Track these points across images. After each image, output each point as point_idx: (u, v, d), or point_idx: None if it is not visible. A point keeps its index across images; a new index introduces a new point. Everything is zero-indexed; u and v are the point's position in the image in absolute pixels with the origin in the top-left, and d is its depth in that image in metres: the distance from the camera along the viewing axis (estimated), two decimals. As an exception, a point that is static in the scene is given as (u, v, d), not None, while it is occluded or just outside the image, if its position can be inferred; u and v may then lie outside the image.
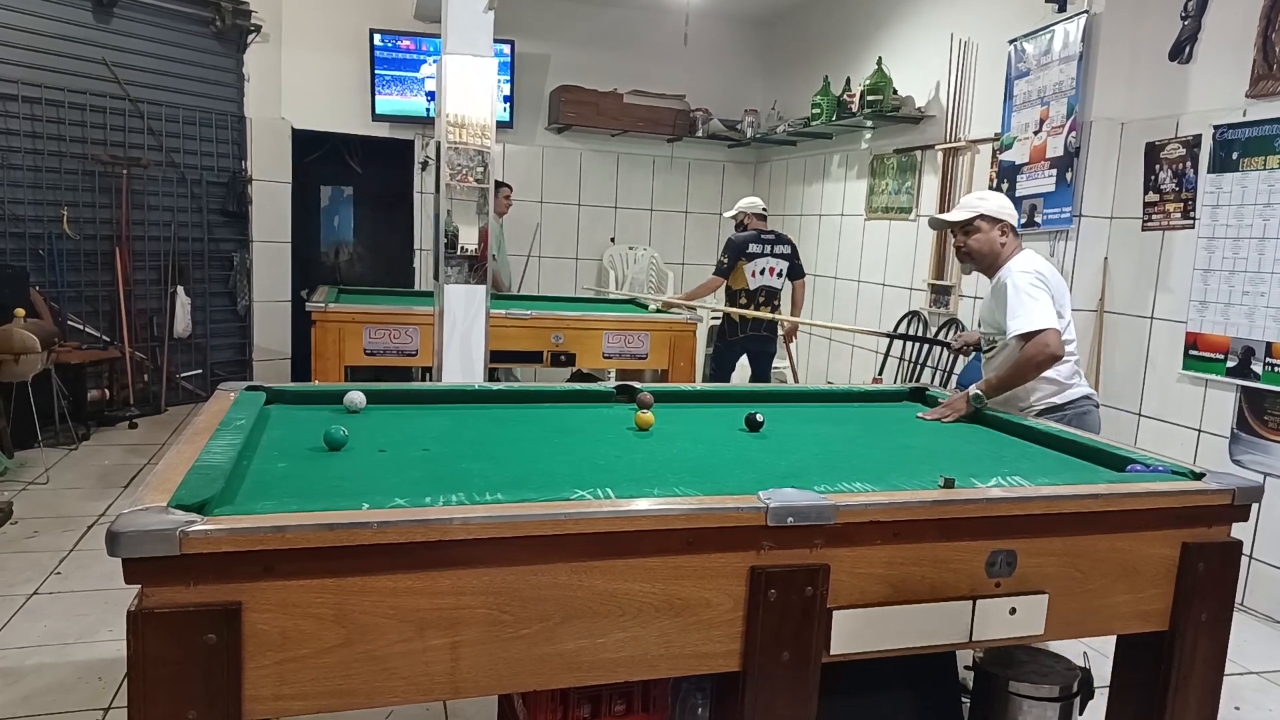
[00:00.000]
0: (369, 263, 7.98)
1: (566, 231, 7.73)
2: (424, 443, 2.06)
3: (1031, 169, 4.61)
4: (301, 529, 1.35)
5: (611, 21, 7.44)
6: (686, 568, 1.55)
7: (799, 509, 1.58)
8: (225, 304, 6.69)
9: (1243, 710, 2.93)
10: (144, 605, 1.30)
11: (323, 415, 2.28)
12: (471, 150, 3.79)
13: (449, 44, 3.60)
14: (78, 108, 5.65)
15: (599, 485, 1.61)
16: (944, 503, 1.70)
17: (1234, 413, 3.76)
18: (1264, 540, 3.64)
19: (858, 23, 6.50)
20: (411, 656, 1.43)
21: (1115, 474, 2.02)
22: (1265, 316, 3.61)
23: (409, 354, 4.82)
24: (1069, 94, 4.35)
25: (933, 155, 5.55)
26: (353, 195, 7.96)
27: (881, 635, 1.69)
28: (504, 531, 1.44)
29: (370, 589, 1.40)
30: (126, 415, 5.79)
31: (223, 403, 2.18)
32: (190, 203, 6.34)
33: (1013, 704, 2.25)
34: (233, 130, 6.55)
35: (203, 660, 1.32)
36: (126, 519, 1.31)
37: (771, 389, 3.21)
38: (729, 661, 1.60)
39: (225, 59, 6.49)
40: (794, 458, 2.11)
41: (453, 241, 3.91)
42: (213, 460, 1.66)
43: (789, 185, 7.47)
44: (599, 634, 1.52)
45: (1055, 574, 1.80)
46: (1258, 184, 3.65)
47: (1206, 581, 1.89)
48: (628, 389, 2.63)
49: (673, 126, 7.48)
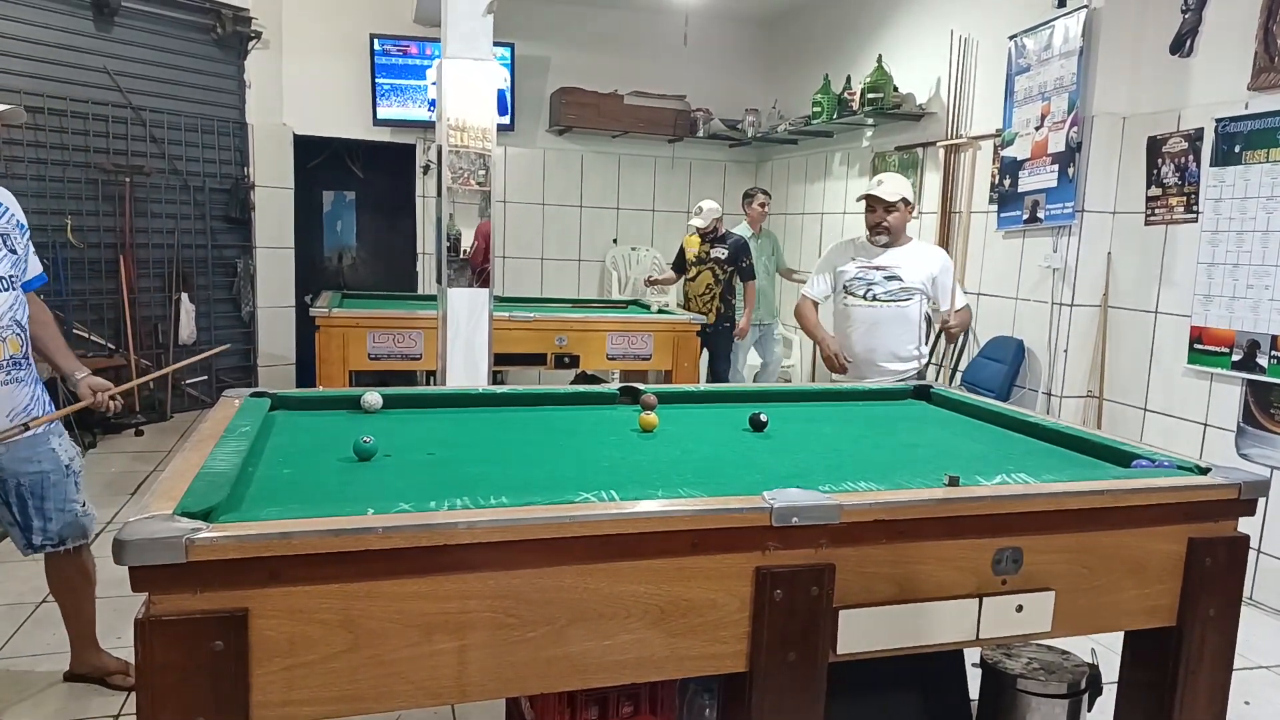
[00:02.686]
0: (372, 267, 7.99)
1: (569, 233, 7.73)
2: (429, 447, 2.07)
3: (1033, 165, 4.60)
4: (307, 535, 1.35)
5: (611, 23, 7.44)
6: (692, 569, 1.55)
7: (804, 509, 1.58)
8: (229, 310, 6.71)
9: (1253, 705, 2.93)
10: (151, 613, 1.31)
11: (327, 420, 2.28)
12: (472, 153, 3.80)
13: (449, 48, 3.61)
14: (80, 116, 5.67)
15: (603, 487, 1.60)
16: (949, 501, 1.70)
17: (1240, 406, 3.75)
18: (1272, 533, 3.63)
19: (857, 21, 6.50)
20: (419, 661, 1.43)
21: (1121, 470, 2.02)
22: (1270, 310, 3.60)
23: (413, 358, 4.82)
24: (1070, 89, 4.35)
25: (934, 152, 5.54)
26: (355, 200, 7.98)
27: (888, 634, 1.69)
28: (509, 535, 1.44)
29: (377, 594, 1.40)
30: (133, 423, 5.81)
31: (227, 409, 2.18)
32: (193, 210, 6.35)
33: (1021, 701, 2.25)
34: (235, 137, 6.57)
35: (210, 667, 1.32)
36: (133, 527, 1.31)
37: (775, 389, 3.21)
38: (735, 662, 1.60)
39: (226, 66, 6.50)
40: (798, 457, 2.10)
41: (455, 245, 3.92)
42: (218, 467, 1.67)
43: (791, 184, 7.47)
44: (605, 636, 1.52)
45: (1061, 571, 1.80)
46: (1260, 177, 3.64)
47: (1214, 576, 1.88)
48: (631, 390, 2.63)
49: (673, 127, 7.48)
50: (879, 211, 3.59)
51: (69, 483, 2.61)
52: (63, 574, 2.69)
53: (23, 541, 2.59)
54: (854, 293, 3.63)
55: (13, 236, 2.53)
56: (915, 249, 3.71)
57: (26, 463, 2.52)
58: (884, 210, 3.58)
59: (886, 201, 3.57)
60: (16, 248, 2.53)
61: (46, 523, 2.57)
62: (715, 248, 5.93)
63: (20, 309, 2.52)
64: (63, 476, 2.59)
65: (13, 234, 2.53)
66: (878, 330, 3.59)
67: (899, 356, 3.60)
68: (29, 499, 2.54)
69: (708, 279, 5.96)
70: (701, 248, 5.98)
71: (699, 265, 5.99)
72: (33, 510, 2.55)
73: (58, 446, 2.60)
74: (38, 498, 2.55)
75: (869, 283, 3.60)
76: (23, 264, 2.56)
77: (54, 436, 2.60)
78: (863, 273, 3.62)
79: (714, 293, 5.94)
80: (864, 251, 3.69)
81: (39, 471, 2.54)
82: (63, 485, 2.59)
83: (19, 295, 2.52)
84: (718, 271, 5.92)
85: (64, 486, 2.59)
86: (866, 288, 3.60)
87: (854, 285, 3.63)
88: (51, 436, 2.59)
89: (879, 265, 3.60)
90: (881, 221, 3.59)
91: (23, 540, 2.59)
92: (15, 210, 2.59)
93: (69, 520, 2.61)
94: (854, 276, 3.64)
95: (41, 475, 2.54)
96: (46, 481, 2.55)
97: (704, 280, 5.98)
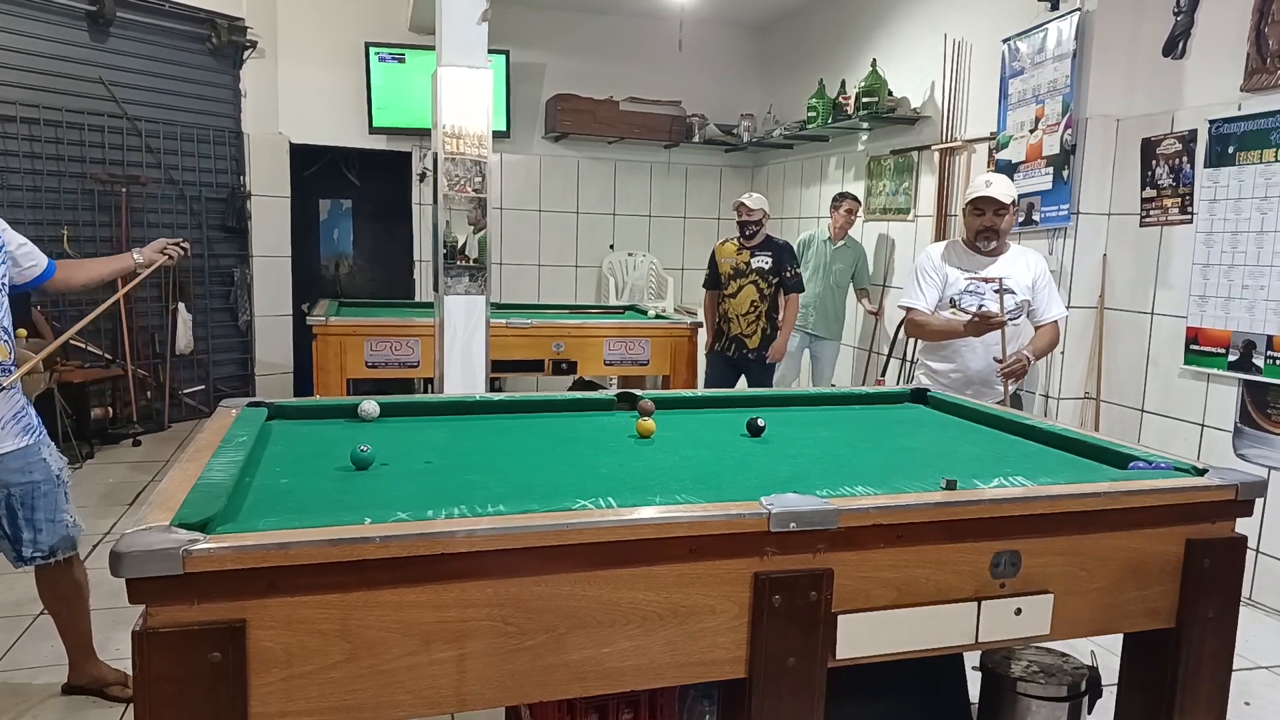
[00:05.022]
0: (369, 275, 7.99)
1: (565, 239, 7.74)
2: (426, 455, 2.06)
3: (1028, 167, 4.61)
4: (304, 545, 1.35)
5: (606, 29, 7.46)
6: (690, 575, 1.55)
7: (802, 514, 1.58)
8: (226, 319, 6.70)
9: (1253, 705, 2.92)
10: (149, 625, 1.30)
11: (324, 429, 2.28)
12: (468, 161, 3.80)
13: (444, 56, 3.61)
14: (76, 127, 5.67)
15: (601, 494, 1.60)
16: (947, 504, 1.70)
17: (1237, 407, 3.76)
18: (1270, 534, 3.63)
19: (852, 25, 6.51)
20: (417, 670, 1.43)
21: (1118, 472, 2.02)
22: (1266, 310, 3.61)
23: (410, 366, 4.83)
24: (1064, 92, 4.36)
25: (929, 155, 5.55)
26: (351, 208, 7.99)
27: (887, 639, 1.69)
28: (507, 543, 1.44)
29: (375, 603, 1.40)
30: (130, 433, 5.80)
31: (224, 419, 2.18)
32: (189, 219, 6.35)
33: (1021, 704, 2.25)
34: (230, 146, 6.57)
35: (208, 679, 1.32)
36: (129, 539, 1.31)
37: (772, 393, 3.21)
38: (735, 668, 1.60)
39: (222, 75, 6.51)
40: (796, 462, 2.10)
41: (452, 252, 3.92)
42: (215, 477, 1.66)
43: (786, 188, 7.48)
44: (604, 643, 1.52)
45: (1060, 573, 1.80)
46: (1254, 177, 3.65)
47: (1212, 577, 1.89)
48: (629, 396, 2.63)
49: (669, 132, 7.50)
50: (989, 215, 3.27)
51: (59, 493, 2.60)
52: (55, 586, 2.68)
53: (13, 554, 2.58)
54: (967, 309, 3.26)
55: None
56: (1017, 255, 3.38)
57: (18, 473, 2.50)
58: (994, 213, 3.26)
59: (1000, 203, 3.25)
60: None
61: (37, 534, 2.55)
62: (756, 256, 5.02)
63: (4, 316, 2.50)
64: (53, 486, 2.58)
65: None
66: (997, 350, 3.23)
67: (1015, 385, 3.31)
68: (19, 510, 2.52)
69: (751, 295, 5.04)
70: (739, 257, 5.08)
71: (738, 278, 5.06)
72: (22, 522, 2.53)
73: (48, 456, 2.59)
74: (28, 509, 2.53)
75: (981, 297, 3.28)
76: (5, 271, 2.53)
77: (44, 447, 2.59)
78: (973, 285, 3.27)
79: (759, 310, 5.04)
80: (965, 260, 3.35)
81: (30, 482, 2.52)
82: (53, 495, 2.58)
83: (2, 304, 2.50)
84: (761, 285, 5.03)
85: (54, 496, 2.58)
86: (980, 303, 3.26)
87: (964, 300, 3.28)
88: (43, 447, 2.58)
89: (989, 277, 3.26)
90: (994, 226, 3.27)
91: (13, 553, 2.57)
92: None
93: (59, 532, 2.60)
94: (963, 290, 3.29)
95: (32, 485, 2.53)
96: (37, 491, 2.54)
97: (747, 296, 5.05)
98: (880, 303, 6.06)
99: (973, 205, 3.32)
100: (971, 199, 3.33)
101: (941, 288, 3.33)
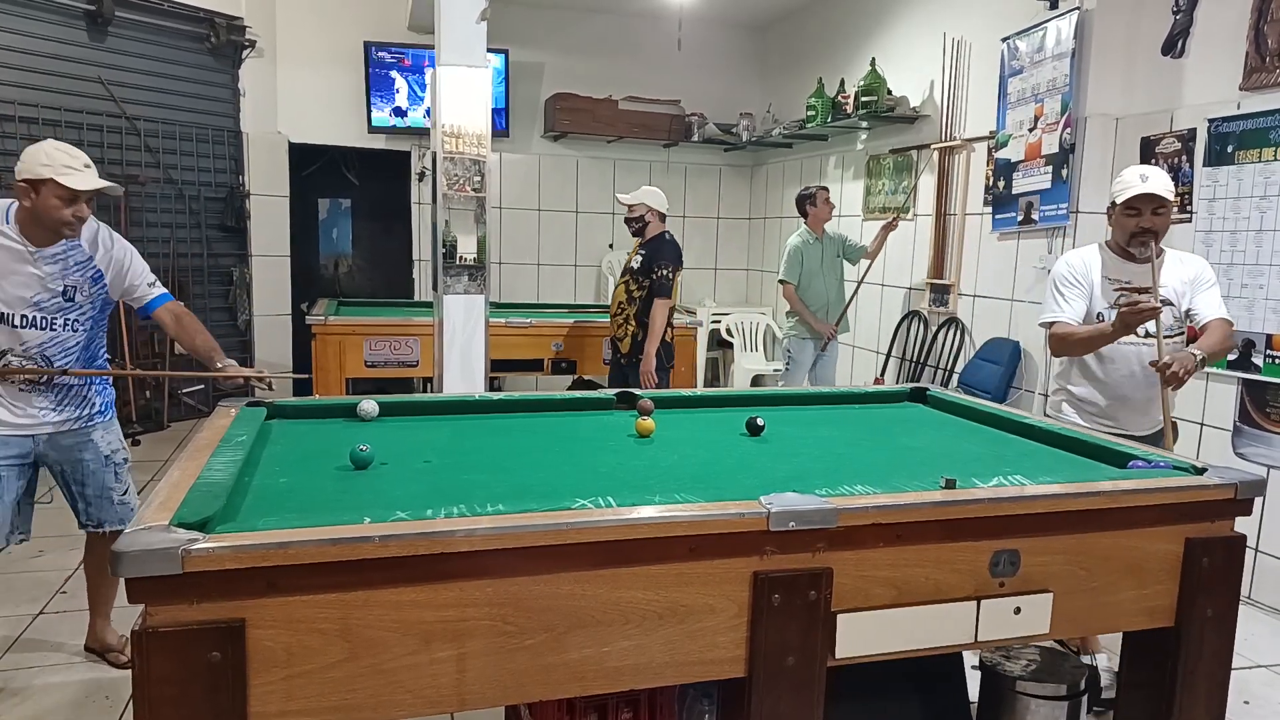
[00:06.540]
0: (368, 274, 7.99)
1: (564, 239, 7.73)
2: (425, 454, 2.06)
3: (1027, 166, 4.61)
4: (304, 544, 1.35)
5: (605, 28, 7.45)
6: (690, 574, 1.55)
7: (801, 513, 1.58)
8: (226, 319, 6.70)
9: (1252, 704, 2.93)
10: (148, 624, 1.31)
11: (323, 429, 2.28)
12: (467, 160, 3.80)
13: (443, 55, 3.61)
14: (74, 126, 5.65)
15: (601, 494, 1.61)
16: (946, 504, 1.70)
17: (1236, 406, 3.76)
18: (1270, 533, 3.63)
19: (851, 24, 6.51)
20: (417, 669, 1.43)
21: (1117, 471, 2.02)
22: (1265, 309, 3.61)
23: (409, 365, 4.83)
24: (1063, 91, 4.36)
25: (929, 154, 5.55)
26: (351, 207, 7.98)
27: (887, 638, 1.69)
28: (507, 542, 1.44)
29: (374, 603, 1.40)
30: (129, 432, 5.78)
31: (224, 419, 2.18)
32: (188, 219, 6.34)
33: (1020, 703, 2.25)
34: (229, 145, 6.57)
35: (208, 678, 1.32)
36: (129, 538, 1.31)
37: (772, 393, 3.21)
38: (734, 667, 1.60)
39: (221, 75, 6.50)
40: (795, 461, 2.11)
41: (451, 251, 3.92)
42: (214, 477, 1.67)
43: (786, 187, 7.47)
44: (604, 643, 1.52)
45: (1059, 572, 1.80)
46: (1253, 176, 3.65)
47: (1211, 576, 1.89)
48: (628, 396, 2.63)
49: (668, 131, 7.49)
50: (1146, 214, 2.74)
51: (108, 473, 2.83)
52: (95, 553, 2.94)
53: (78, 520, 2.88)
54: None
55: (81, 289, 2.70)
56: (1174, 259, 2.89)
57: (70, 450, 2.76)
58: (1153, 212, 2.74)
59: (1160, 199, 2.73)
60: (77, 298, 2.69)
61: (88, 506, 2.84)
62: (638, 254, 4.58)
63: (54, 346, 2.67)
64: (101, 466, 2.81)
65: (83, 286, 2.70)
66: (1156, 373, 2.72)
67: (1173, 403, 2.86)
68: (72, 484, 2.81)
69: (619, 295, 4.64)
70: (630, 255, 4.73)
71: (623, 276, 4.68)
72: (75, 494, 2.83)
73: (99, 439, 2.81)
74: (79, 484, 2.81)
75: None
76: (88, 311, 2.73)
77: (96, 430, 2.81)
78: (1127, 297, 2.69)
79: (626, 313, 4.56)
80: (1113, 267, 2.85)
81: (78, 460, 2.78)
82: (101, 474, 2.81)
83: (58, 335, 2.67)
84: (631, 285, 4.55)
85: (102, 476, 2.82)
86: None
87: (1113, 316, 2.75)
88: (94, 430, 2.80)
89: (1143, 287, 2.67)
90: (1153, 227, 2.75)
91: (77, 519, 2.88)
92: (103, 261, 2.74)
93: (107, 507, 2.85)
94: (1115, 302, 2.78)
95: (81, 464, 2.78)
96: (85, 470, 2.79)
97: (616, 296, 4.68)
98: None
99: (1126, 205, 2.77)
100: (1126, 198, 2.77)
101: (1088, 298, 2.86)
